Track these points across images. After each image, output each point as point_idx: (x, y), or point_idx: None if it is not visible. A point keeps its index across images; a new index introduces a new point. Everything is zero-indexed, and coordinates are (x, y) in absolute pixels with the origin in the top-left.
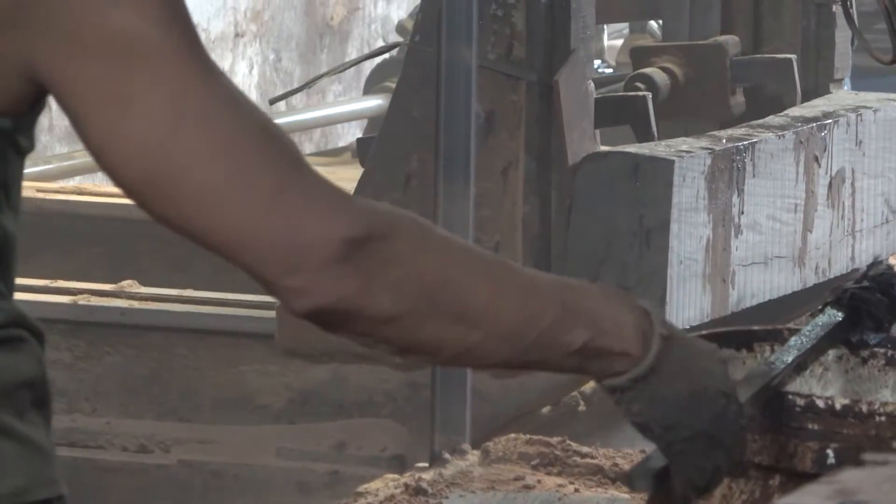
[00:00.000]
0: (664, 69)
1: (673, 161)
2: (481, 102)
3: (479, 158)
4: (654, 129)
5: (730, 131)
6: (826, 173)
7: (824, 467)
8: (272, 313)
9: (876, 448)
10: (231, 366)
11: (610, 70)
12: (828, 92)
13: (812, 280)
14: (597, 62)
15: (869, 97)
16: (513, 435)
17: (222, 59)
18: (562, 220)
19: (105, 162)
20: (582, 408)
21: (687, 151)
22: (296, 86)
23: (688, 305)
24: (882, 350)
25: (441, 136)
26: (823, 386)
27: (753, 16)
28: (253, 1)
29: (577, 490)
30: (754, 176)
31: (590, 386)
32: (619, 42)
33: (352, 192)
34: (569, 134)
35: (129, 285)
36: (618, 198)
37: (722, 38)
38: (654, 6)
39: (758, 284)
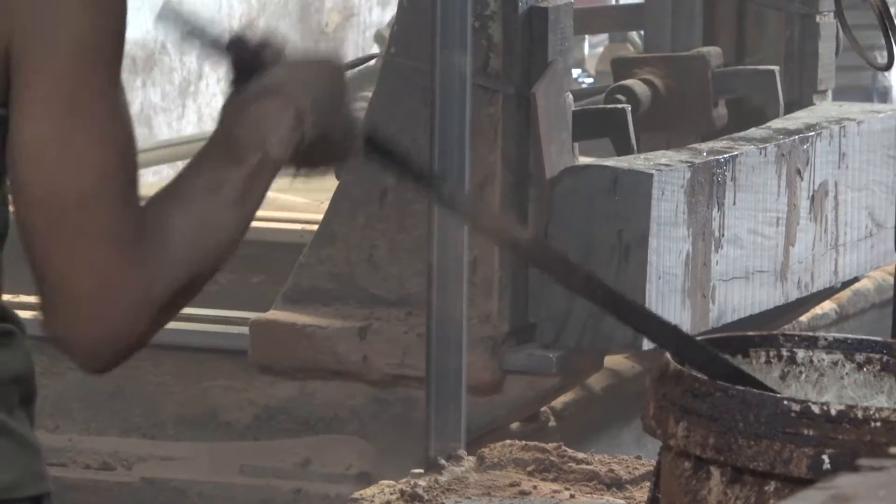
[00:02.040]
0: (645, 81)
1: (652, 174)
2: None
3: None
4: (634, 141)
5: (710, 144)
6: (809, 186)
7: (820, 473)
8: (238, 329)
9: (871, 454)
10: (195, 382)
11: (591, 79)
12: (811, 104)
13: (794, 295)
14: (577, 71)
15: (853, 109)
16: (508, 441)
17: (218, 67)
18: (540, 235)
19: (25, 165)
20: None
21: (666, 165)
22: None
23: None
24: (877, 356)
25: (436, 143)
26: (819, 392)
27: (736, 27)
28: (248, 7)
29: (572, 496)
30: (735, 189)
31: (560, 401)
32: (600, 51)
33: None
34: (546, 147)
35: None
36: (596, 212)
37: (704, 50)
38: (635, 17)
39: (739, 299)
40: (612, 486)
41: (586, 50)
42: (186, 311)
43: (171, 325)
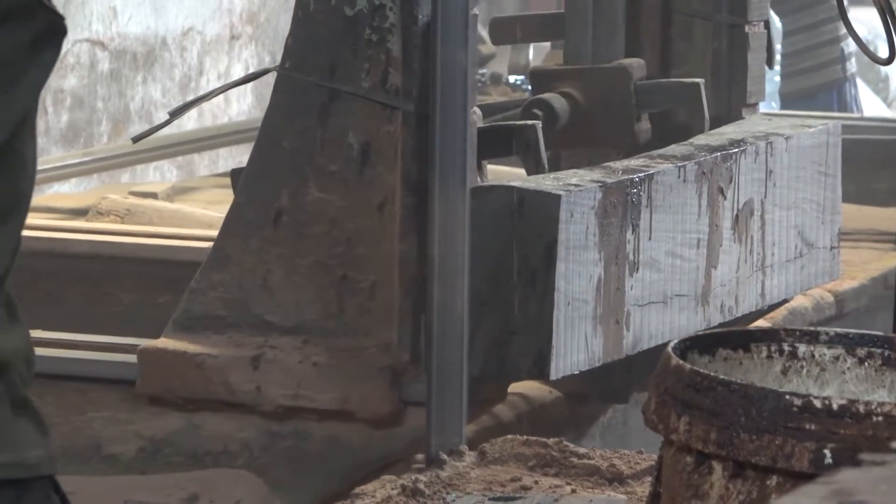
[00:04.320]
0: (564, 94)
1: (559, 196)
2: (355, 134)
3: (353, 193)
4: (545, 160)
5: (626, 162)
6: (732, 206)
7: (821, 468)
8: (124, 357)
9: (873, 448)
10: (79, 412)
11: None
12: (740, 117)
13: (717, 319)
14: (521, 78)
15: (783, 123)
16: (510, 436)
17: (218, 62)
18: None
19: None
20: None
21: (576, 185)
22: None
23: (576, 349)
24: (879, 350)
25: (437, 141)
26: (820, 386)
27: (661, 38)
28: (248, 3)
29: (573, 491)
30: (651, 210)
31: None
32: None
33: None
34: None
35: None
36: (501, 235)
37: (627, 62)
38: (556, 27)
39: (656, 325)
40: (614, 480)
41: (531, 56)
42: (71, 337)
43: (55, 353)
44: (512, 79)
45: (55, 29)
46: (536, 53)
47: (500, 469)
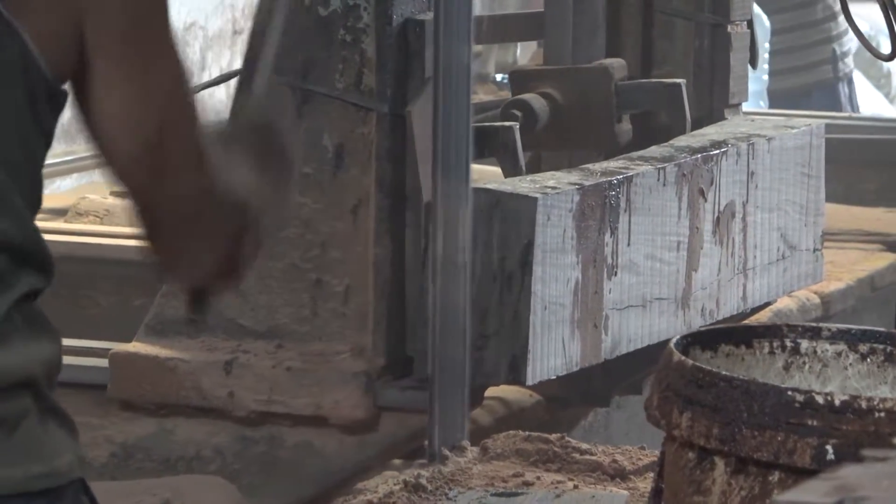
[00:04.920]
0: (544, 94)
1: (536, 198)
2: (329, 135)
3: (327, 196)
4: (523, 162)
5: (605, 164)
6: (713, 208)
7: (824, 464)
8: (96, 361)
9: (875, 444)
10: None
11: None
12: (723, 118)
13: (698, 322)
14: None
15: (765, 124)
16: (511, 432)
17: (220, 56)
18: (417, 263)
19: (116, 119)
20: None
21: (553, 187)
22: None
23: (553, 354)
24: (881, 346)
25: (439, 135)
26: (822, 382)
27: (643, 38)
28: None
29: (576, 486)
30: (630, 212)
31: None
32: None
33: None
34: (423, 169)
35: None
36: (477, 238)
37: (607, 62)
38: (536, 27)
39: (635, 329)
40: (616, 476)
41: (518, 54)
42: None
43: None
44: (499, 77)
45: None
46: (524, 51)
47: (501, 465)
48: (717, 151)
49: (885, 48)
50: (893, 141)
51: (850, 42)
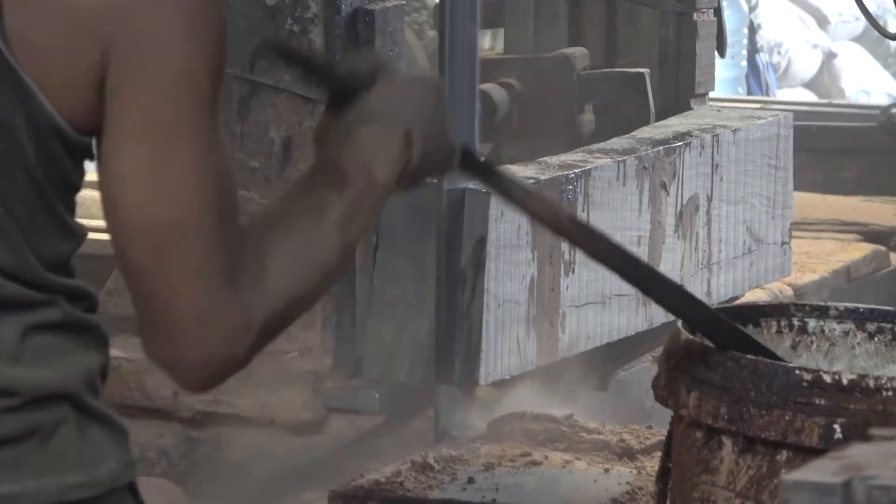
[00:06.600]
0: (504, 84)
1: (489, 193)
2: (277, 128)
3: (275, 190)
4: (478, 154)
5: (563, 157)
6: (676, 201)
7: (831, 443)
8: None
9: (883, 423)
10: None
11: None
12: (689, 108)
13: (660, 319)
14: None
15: (732, 115)
16: (518, 411)
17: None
18: (367, 260)
19: (120, 194)
20: None
21: None
22: None
23: (507, 353)
24: (889, 325)
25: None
26: (830, 361)
27: (606, 27)
28: None
29: (584, 465)
30: (588, 207)
31: None
32: None
33: None
34: None
35: None
36: (428, 235)
37: (569, 51)
38: (496, 14)
39: (594, 326)
40: (624, 455)
41: (487, 43)
42: None
43: None
44: None
45: None
46: (496, 38)
47: (509, 445)
48: (681, 143)
49: (893, 27)
50: (872, 128)
51: None
